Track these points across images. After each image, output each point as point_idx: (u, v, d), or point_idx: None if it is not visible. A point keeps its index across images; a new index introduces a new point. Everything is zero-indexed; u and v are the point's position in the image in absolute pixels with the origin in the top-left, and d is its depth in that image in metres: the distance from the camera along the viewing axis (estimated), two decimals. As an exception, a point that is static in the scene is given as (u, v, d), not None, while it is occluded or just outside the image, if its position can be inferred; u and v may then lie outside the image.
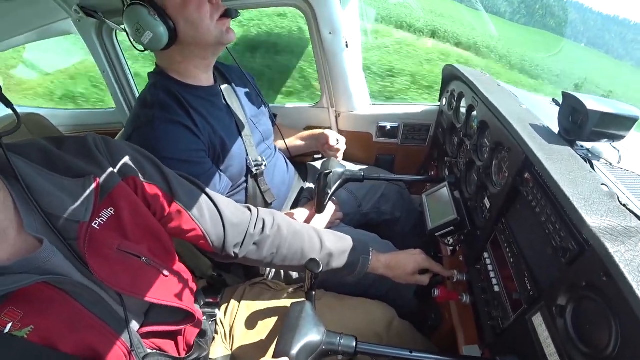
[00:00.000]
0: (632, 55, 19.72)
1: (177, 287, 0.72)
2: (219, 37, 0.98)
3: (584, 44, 16.20)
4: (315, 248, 0.87)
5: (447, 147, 1.32)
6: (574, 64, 10.14)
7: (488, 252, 0.84)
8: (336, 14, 1.35)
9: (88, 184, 0.59)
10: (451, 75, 1.38)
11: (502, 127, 0.83)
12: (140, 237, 0.66)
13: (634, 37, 19.78)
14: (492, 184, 0.87)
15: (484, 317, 0.80)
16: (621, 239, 0.47)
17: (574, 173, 0.61)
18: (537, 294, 0.62)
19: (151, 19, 0.90)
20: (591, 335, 0.49)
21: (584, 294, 0.50)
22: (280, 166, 1.30)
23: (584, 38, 16.80)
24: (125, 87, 1.82)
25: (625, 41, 19.21)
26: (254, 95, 1.25)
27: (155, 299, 0.65)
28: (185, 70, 1.03)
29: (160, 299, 0.66)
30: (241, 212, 0.84)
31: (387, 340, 0.95)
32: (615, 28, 29.51)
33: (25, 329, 0.49)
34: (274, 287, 1.05)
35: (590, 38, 16.42)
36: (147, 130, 0.94)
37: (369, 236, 1.23)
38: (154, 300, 0.65)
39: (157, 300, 0.65)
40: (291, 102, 2.03)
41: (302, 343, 0.66)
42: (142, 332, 0.65)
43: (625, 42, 19.25)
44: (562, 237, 0.56)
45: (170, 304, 0.67)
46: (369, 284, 1.12)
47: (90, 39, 1.59)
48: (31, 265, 0.50)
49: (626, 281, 0.42)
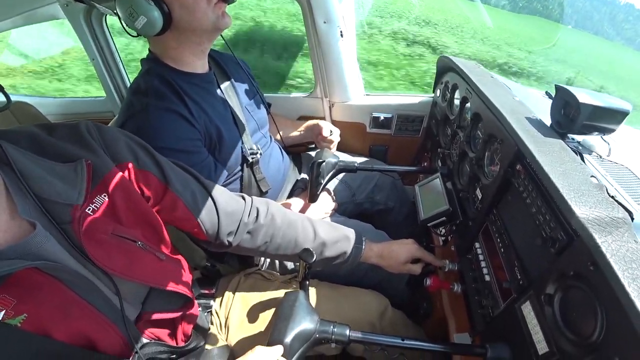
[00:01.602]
0: (622, 34, 19.79)
1: (174, 272, 0.72)
2: (215, 22, 0.96)
3: (572, 26, 16.09)
4: (309, 237, 0.88)
5: (440, 139, 1.33)
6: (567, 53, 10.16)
7: (479, 242, 0.85)
8: (331, 3, 1.33)
9: (80, 168, 0.58)
10: (445, 67, 1.38)
11: (495, 119, 0.84)
12: (135, 223, 0.66)
13: (625, 17, 19.87)
14: (484, 175, 0.88)
15: (475, 306, 0.81)
16: (608, 229, 0.48)
17: (564, 165, 0.63)
18: (527, 283, 0.63)
19: (145, 3, 0.87)
20: (578, 322, 0.50)
21: (571, 283, 0.52)
22: (275, 155, 1.30)
23: (571, 20, 16.69)
24: (115, 74, 1.78)
25: (615, 21, 19.28)
26: (248, 84, 1.24)
27: (151, 282, 0.65)
28: (180, 56, 1.01)
29: (157, 283, 0.66)
30: (235, 201, 0.84)
31: (380, 329, 0.97)
32: (604, 9, 29.41)
33: (18, 317, 0.49)
34: (268, 277, 1.06)
35: (578, 20, 16.34)
36: (141, 118, 0.92)
37: (363, 226, 1.24)
38: (151, 284, 0.65)
39: (154, 284, 0.65)
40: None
41: (295, 331, 0.67)
42: (139, 322, 0.65)
43: (615, 22, 19.33)
44: (552, 228, 0.58)
45: (167, 288, 0.67)
46: (362, 273, 1.14)
47: (79, 24, 1.56)
48: (24, 251, 0.49)
49: (612, 271, 0.43)
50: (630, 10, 19.62)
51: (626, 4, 42.73)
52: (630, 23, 20.80)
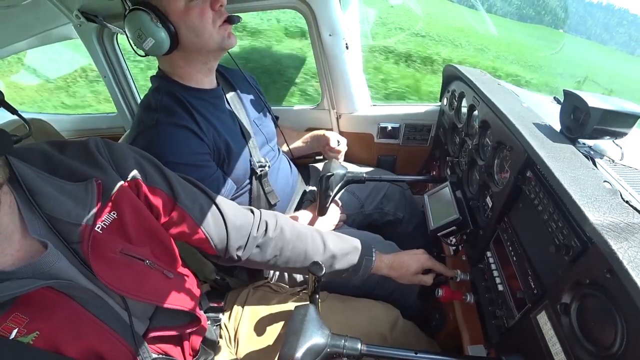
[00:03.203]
0: (615, 39, 19.68)
1: (181, 290, 0.72)
2: (220, 43, 0.98)
3: (564, 30, 15.86)
4: (319, 250, 0.87)
5: (448, 147, 1.32)
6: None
7: (491, 251, 0.83)
8: (336, 15, 1.35)
9: (91, 188, 0.59)
10: (452, 75, 1.38)
11: (504, 126, 0.83)
12: (144, 240, 0.66)
13: (618, 21, 19.76)
14: (494, 183, 0.87)
15: (489, 317, 0.79)
16: (624, 235, 0.47)
17: (576, 171, 0.61)
18: (541, 293, 0.62)
19: (153, 25, 0.90)
20: (597, 333, 0.49)
21: (588, 292, 0.50)
22: (283, 168, 1.30)
23: (564, 25, 16.50)
24: (126, 91, 1.83)
25: (608, 27, 19.16)
26: (256, 98, 1.26)
27: (159, 302, 0.65)
28: (187, 74, 1.03)
29: (165, 302, 0.66)
30: (244, 215, 0.84)
31: (391, 341, 0.95)
32: (598, 14, 29.05)
33: (30, 335, 0.49)
34: (277, 290, 1.05)
35: (571, 25, 16.14)
36: (151, 134, 0.94)
37: (372, 237, 1.23)
38: (158, 304, 0.65)
39: (162, 304, 0.65)
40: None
41: (306, 346, 0.66)
42: (147, 337, 0.65)
43: (609, 27, 19.22)
44: (565, 235, 0.56)
45: (174, 307, 0.67)
46: (372, 285, 1.12)
47: (91, 43, 1.61)
48: (36, 270, 0.50)
49: (630, 278, 0.42)
50: (625, 15, 19.49)
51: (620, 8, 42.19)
52: (624, 27, 20.79)
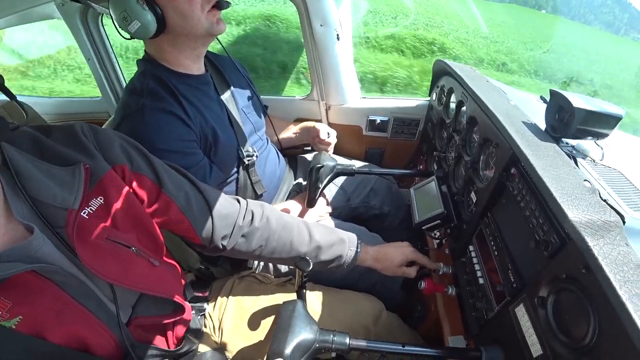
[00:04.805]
0: (600, 19, 19.69)
1: (166, 279, 0.72)
2: (209, 28, 0.96)
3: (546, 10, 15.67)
4: (304, 240, 0.87)
5: (436, 142, 1.33)
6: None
7: (473, 246, 0.85)
8: (327, 6, 1.34)
9: (78, 172, 0.58)
10: (441, 71, 1.39)
11: (491, 123, 0.85)
12: (130, 227, 0.66)
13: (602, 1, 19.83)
14: (479, 179, 0.89)
15: (469, 309, 0.82)
16: (600, 232, 0.49)
17: (558, 169, 0.63)
18: (520, 286, 0.64)
19: (139, 7, 0.87)
20: (571, 325, 0.51)
21: (564, 286, 0.52)
22: (271, 158, 1.29)
23: (547, 6, 16.26)
24: (111, 75, 1.77)
25: (592, 6, 19.18)
26: (245, 86, 1.24)
27: (144, 289, 0.64)
28: (175, 59, 1.01)
29: (149, 290, 0.65)
30: (230, 204, 0.83)
31: (375, 333, 0.96)
32: None
33: (13, 319, 0.49)
34: (263, 281, 1.05)
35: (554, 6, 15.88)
36: (136, 119, 0.92)
37: (357, 229, 1.24)
38: (144, 291, 0.65)
39: (147, 291, 0.65)
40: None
41: (295, 342, 0.66)
42: (130, 325, 0.64)
43: (593, 7, 19.25)
44: (545, 231, 0.58)
45: (159, 295, 0.67)
46: (357, 276, 1.13)
47: (74, 24, 1.55)
48: (22, 254, 0.49)
49: (604, 273, 0.44)
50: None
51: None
52: (608, 7, 20.74)
